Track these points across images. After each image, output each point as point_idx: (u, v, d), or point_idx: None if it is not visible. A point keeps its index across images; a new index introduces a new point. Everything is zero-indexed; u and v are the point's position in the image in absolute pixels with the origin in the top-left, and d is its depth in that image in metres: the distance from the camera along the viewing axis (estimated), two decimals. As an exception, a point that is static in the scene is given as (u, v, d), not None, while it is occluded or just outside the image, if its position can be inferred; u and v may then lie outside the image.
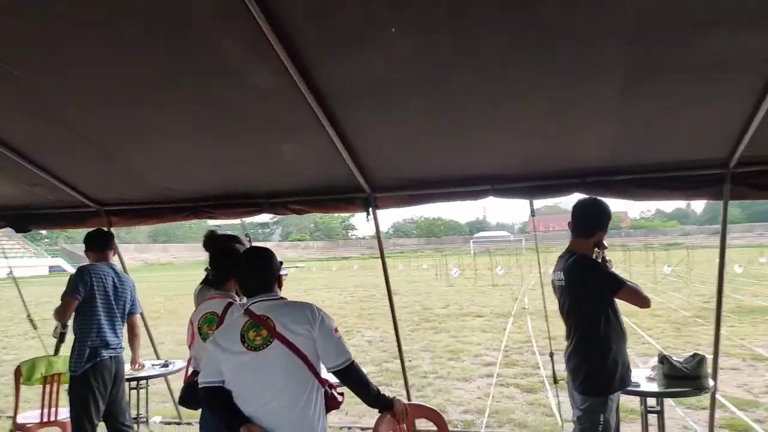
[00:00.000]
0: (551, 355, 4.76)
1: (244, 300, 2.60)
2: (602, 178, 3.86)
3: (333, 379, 2.53)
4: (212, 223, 6.04)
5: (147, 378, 4.51)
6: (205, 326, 2.95)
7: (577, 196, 3.83)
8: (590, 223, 3.15)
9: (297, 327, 2.37)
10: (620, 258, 29.17)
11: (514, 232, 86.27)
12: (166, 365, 4.64)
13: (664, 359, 3.51)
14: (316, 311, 2.45)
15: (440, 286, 23.05)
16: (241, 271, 2.56)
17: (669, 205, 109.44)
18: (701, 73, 2.90)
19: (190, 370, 3.04)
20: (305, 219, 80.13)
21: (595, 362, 3.03)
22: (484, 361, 8.62)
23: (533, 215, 4.20)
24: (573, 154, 3.84)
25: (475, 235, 74.10)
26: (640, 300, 2.99)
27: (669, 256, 33.33)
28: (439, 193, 4.25)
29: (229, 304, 2.94)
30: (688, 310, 13.39)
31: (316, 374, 2.42)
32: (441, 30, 2.66)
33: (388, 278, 4.76)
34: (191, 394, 2.82)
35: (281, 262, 2.66)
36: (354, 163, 3.92)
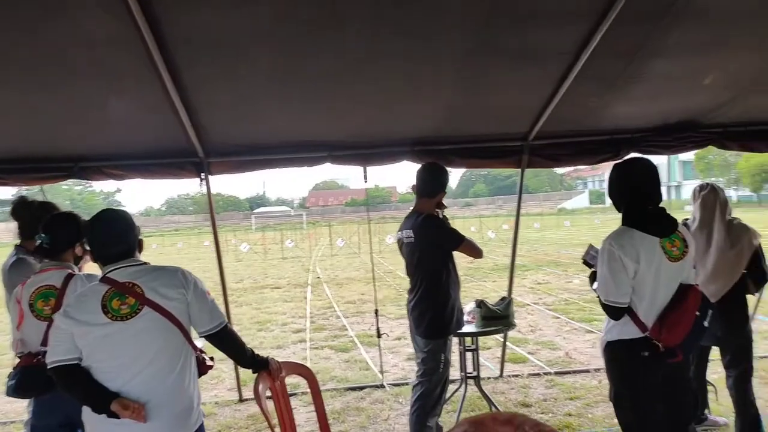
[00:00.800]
0: (376, 312, 5.12)
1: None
2: (429, 147, 4.26)
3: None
4: None
5: None
6: (39, 302, 2.58)
7: (410, 165, 4.21)
8: (433, 185, 3.50)
9: (170, 291, 2.25)
10: (395, 229, 31.73)
11: (294, 207, 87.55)
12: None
13: (481, 303, 4.09)
14: (187, 274, 2.36)
15: (228, 261, 22.45)
16: (97, 236, 2.31)
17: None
18: (517, 61, 3.41)
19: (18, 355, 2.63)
20: (59, 194, 70.18)
21: (437, 309, 3.41)
22: (292, 328, 8.81)
23: (366, 181, 4.45)
24: (405, 125, 4.16)
25: (256, 211, 73.35)
26: (475, 252, 3.45)
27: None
28: (277, 159, 4.24)
29: (69, 276, 2.62)
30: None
31: (189, 340, 2.34)
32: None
33: (220, 252, 4.61)
34: (30, 380, 2.47)
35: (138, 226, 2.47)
36: (191, 124, 3.69)
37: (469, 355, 4.40)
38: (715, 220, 3.54)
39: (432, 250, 3.39)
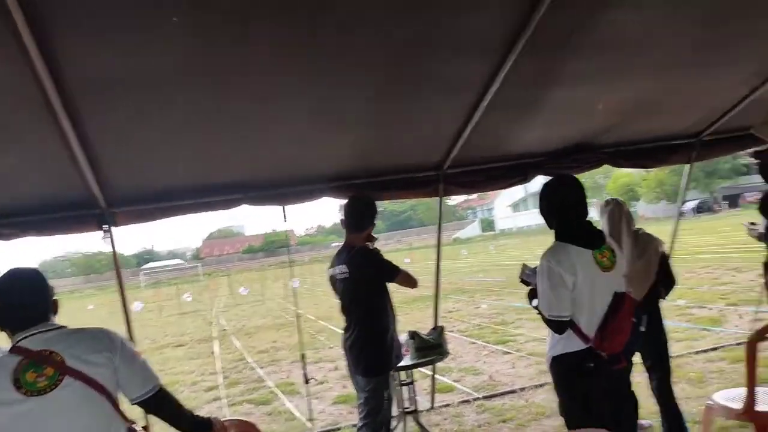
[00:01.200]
0: (302, 356, 4.92)
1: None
2: (347, 182, 4.22)
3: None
4: None
5: None
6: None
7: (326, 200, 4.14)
8: (363, 218, 3.45)
9: (95, 357, 2.01)
10: (298, 272, 31.26)
11: (187, 259, 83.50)
12: None
13: (414, 335, 4.05)
14: (113, 335, 2.12)
15: (120, 323, 20.76)
16: (6, 298, 2.02)
17: (328, 221, 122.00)
18: (431, 92, 3.49)
19: None
20: None
21: (376, 345, 3.32)
22: (203, 387, 8.23)
23: (285, 220, 4.31)
24: (323, 162, 4.11)
25: (145, 267, 69.02)
26: (411, 282, 3.41)
27: (336, 265, 37.00)
28: (189, 204, 3.98)
29: (-34, 350, 2.24)
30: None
31: (119, 410, 2.09)
32: (221, 34, 2.57)
33: (128, 312, 4.22)
34: None
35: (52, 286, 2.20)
36: (91, 171, 3.37)
37: (403, 389, 4.31)
38: (623, 233, 3.78)
39: (369, 283, 3.32)
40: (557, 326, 2.58)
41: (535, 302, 2.74)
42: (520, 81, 3.46)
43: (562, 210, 2.68)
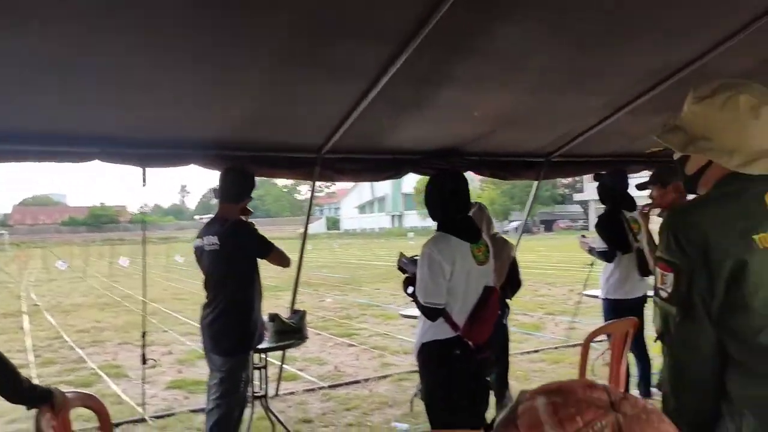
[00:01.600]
0: (144, 335, 4.53)
1: None
2: (222, 152, 3.96)
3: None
4: None
5: None
6: None
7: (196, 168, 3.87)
8: (240, 190, 3.26)
9: None
10: (128, 251, 28.84)
11: (-10, 224, 72.78)
12: None
13: (275, 317, 3.93)
14: None
15: None
16: None
17: (166, 201, 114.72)
18: (325, 73, 3.41)
19: None
20: None
21: (240, 323, 3.17)
22: (9, 366, 7.19)
23: (144, 184, 3.92)
24: (197, 126, 3.83)
25: (-66, 228, 58.81)
26: (284, 260, 3.31)
27: (169, 248, 34.77)
28: (30, 150, 3.46)
29: None
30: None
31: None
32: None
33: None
34: None
35: None
36: None
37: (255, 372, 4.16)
38: (482, 233, 4.04)
39: (241, 257, 3.14)
40: (431, 313, 2.66)
41: (410, 290, 2.80)
42: (410, 76, 3.50)
43: (450, 201, 2.78)
